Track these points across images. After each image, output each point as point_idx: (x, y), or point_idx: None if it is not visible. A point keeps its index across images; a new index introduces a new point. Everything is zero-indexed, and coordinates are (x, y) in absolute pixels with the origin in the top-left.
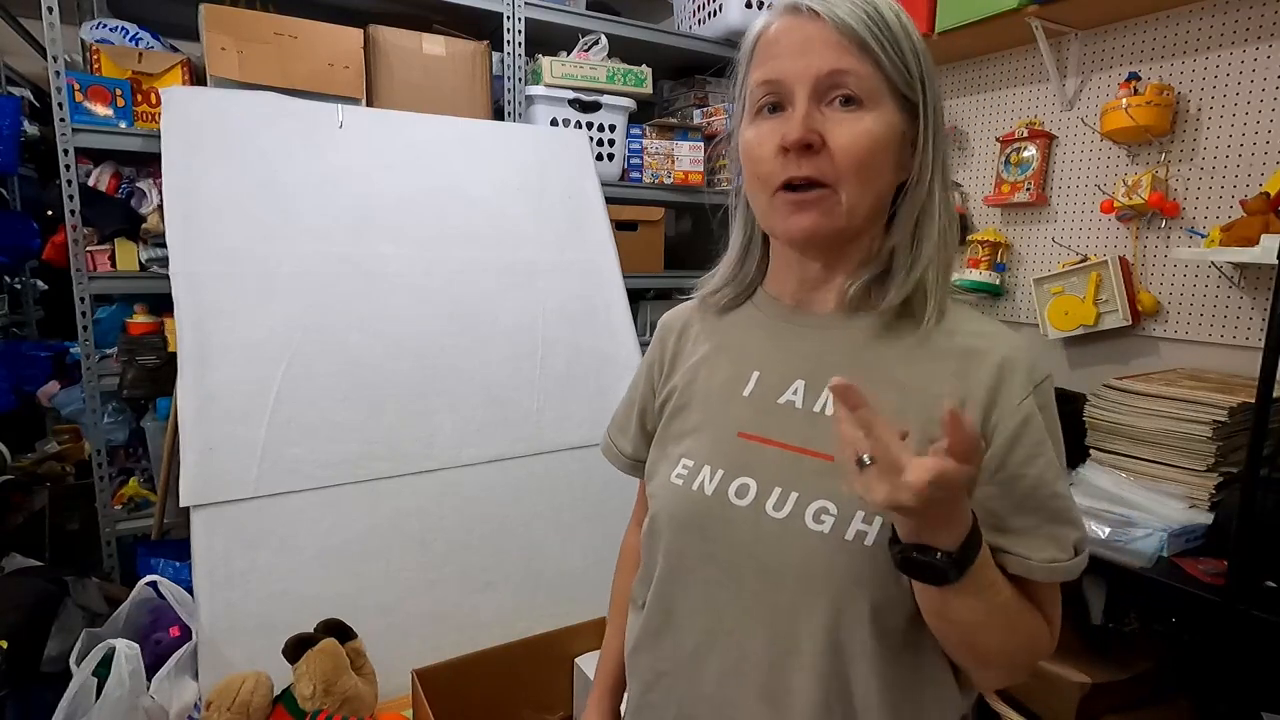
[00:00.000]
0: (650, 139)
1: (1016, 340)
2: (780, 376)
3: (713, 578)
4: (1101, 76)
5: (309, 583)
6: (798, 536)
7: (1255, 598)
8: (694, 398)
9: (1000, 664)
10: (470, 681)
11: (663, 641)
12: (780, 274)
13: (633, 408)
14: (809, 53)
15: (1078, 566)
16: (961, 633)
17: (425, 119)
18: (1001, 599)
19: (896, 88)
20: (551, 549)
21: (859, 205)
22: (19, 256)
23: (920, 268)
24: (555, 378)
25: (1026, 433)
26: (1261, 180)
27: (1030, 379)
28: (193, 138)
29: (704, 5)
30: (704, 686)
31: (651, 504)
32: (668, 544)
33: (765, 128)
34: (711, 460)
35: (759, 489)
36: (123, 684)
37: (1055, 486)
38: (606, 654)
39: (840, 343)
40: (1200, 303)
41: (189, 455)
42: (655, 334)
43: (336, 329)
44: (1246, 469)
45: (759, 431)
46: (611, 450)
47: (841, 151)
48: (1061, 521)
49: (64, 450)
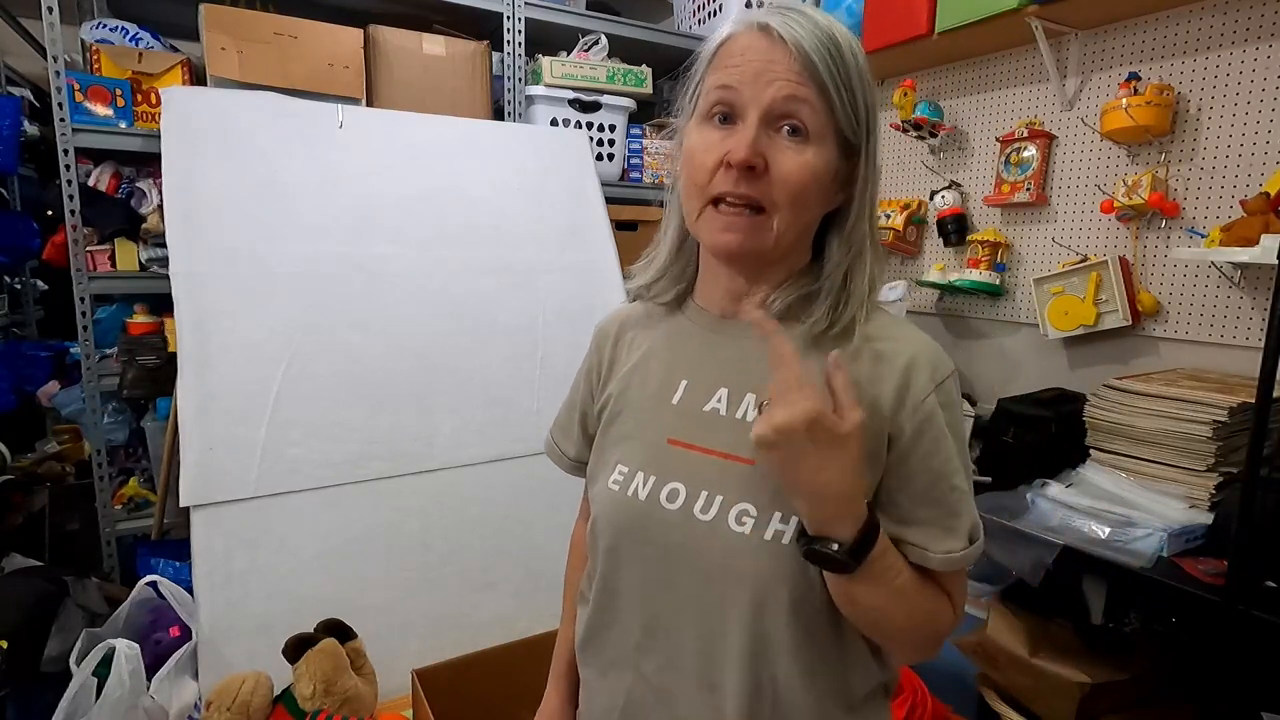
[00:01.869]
0: (650, 139)
1: (923, 342)
2: (706, 385)
3: (649, 577)
4: (1101, 76)
5: (309, 583)
6: (722, 537)
7: (1255, 598)
8: (627, 405)
9: (905, 640)
10: (470, 681)
11: (609, 636)
12: (707, 284)
13: (574, 411)
14: (768, 76)
15: (972, 555)
16: (867, 615)
17: (425, 119)
18: (900, 584)
19: (840, 129)
20: (551, 549)
21: (786, 232)
22: (19, 256)
23: (854, 304)
24: (555, 378)
25: (928, 429)
26: (1261, 180)
27: (933, 378)
28: (193, 138)
29: (704, 5)
30: (648, 676)
31: (593, 507)
32: (607, 546)
33: (712, 137)
34: (644, 466)
35: (688, 493)
36: (123, 684)
37: (953, 480)
38: (561, 640)
39: (763, 351)
40: (1200, 303)
41: (189, 455)
42: (592, 339)
43: (336, 329)
44: (1246, 469)
45: (687, 438)
46: (555, 451)
47: (781, 180)
48: (957, 513)
49: (64, 450)
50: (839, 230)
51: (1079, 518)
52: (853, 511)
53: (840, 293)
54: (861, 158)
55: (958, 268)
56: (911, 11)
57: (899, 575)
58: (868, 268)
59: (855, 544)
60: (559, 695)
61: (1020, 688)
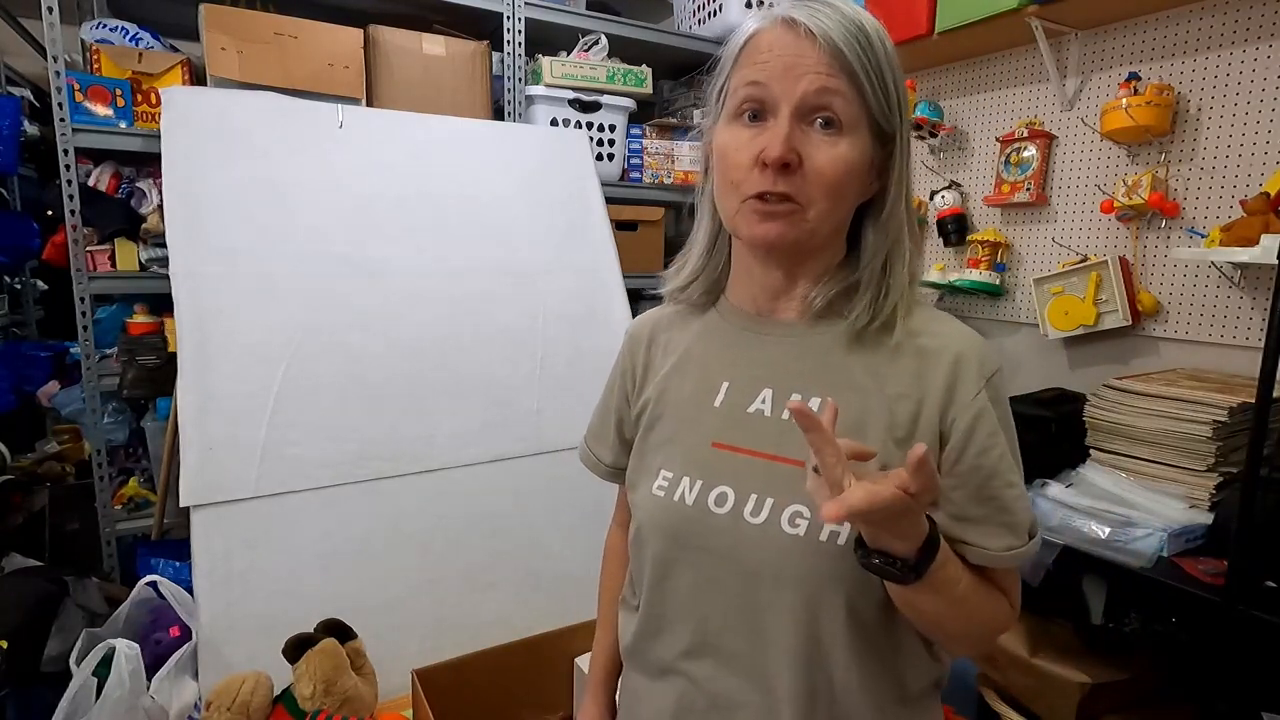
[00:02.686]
0: (650, 139)
1: (969, 337)
2: (748, 386)
3: (698, 582)
4: (1101, 76)
5: (309, 583)
6: (775, 540)
7: (1255, 598)
8: (667, 409)
9: (965, 641)
10: (470, 681)
11: (658, 642)
12: (742, 281)
13: (609, 417)
14: (798, 71)
15: (1033, 549)
16: (927, 620)
17: (425, 119)
18: (960, 591)
19: (873, 117)
20: (551, 549)
21: (823, 224)
22: (19, 256)
23: (895, 294)
24: (555, 378)
25: (980, 426)
26: (1261, 180)
27: (982, 374)
28: (193, 138)
29: (704, 5)
30: (699, 682)
31: (636, 514)
32: (654, 553)
33: (744, 135)
34: (689, 471)
35: (736, 497)
36: (123, 684)
37: (1009, 476)
38: (599, 648)
39: (804, 351)
40: (1200, 303)
41: (189, 455)
42: (624, 343)
43: (336, 329)
44: (1246, 469)
45: (732, 441)
46: (590, 459)
47: (817, 174)
48: (1015, 509)
49: (64, 450)
50: (875, 219)
51: (1079, 518)
52: (914, 531)
53: (880, 284)
54: (896, 144)
55: (958, 268)
56: (911, 11)
57: (959, 583)
58: (906, 256)
59: (916, 560)
60: (598, 705)
61: (1020, 688)
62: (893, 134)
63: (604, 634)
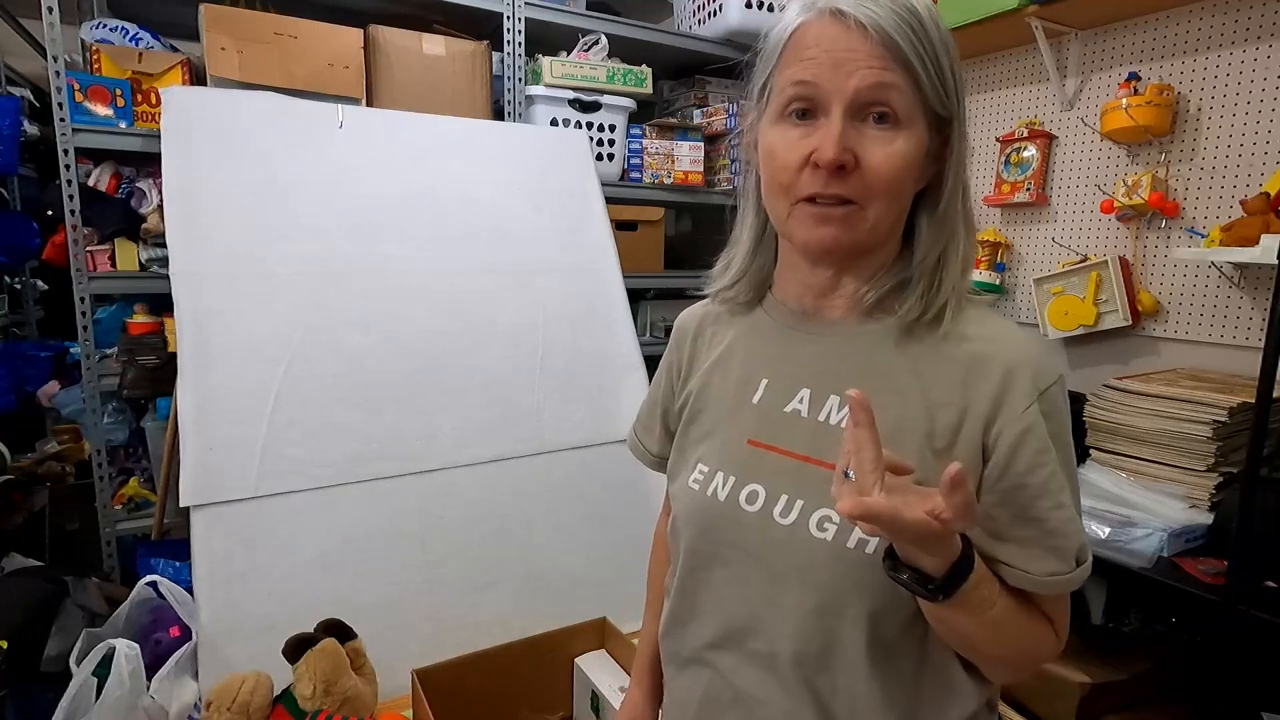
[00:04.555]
0: (650, 139)
1: (1026, 343)
2: (787, 384)
3: (727, 576)
4: (1101, 76)
5: (309, 583)
6: (802, 543)
7: (1255, 598)
8: (707, 404)
9: (1001, 666)
10: (470, 681)
11: (687, 631)
12: (788, 279)
13: (655, 407)
14: (850, 66)
15: (1079, 578)
16: (959, 639)
17: (425, 119)
18: (996, 614)
19: (930, 106)
20: (551, 549)
21: (882, 222)
22: (19, 256)
23: (947, 288)
24: (555, 378)
25: (1028, 442)
26: (1261, 180)
27: (1035, 386)
28: (193, 138)
29: (704, 5)
30: (724, 673)
31: (674, 505)
32: (687, 544)
33: (793, 134)
34: (723, 467)
35: (767, 496)
36: (123, 684)
37: (1059, 497)
38: (645, 635)
39: (847, 351)
40: (1200, 303)
41: (189, 455)
42: (672, 335)
43: (336, 329)
44: (1246, 469)
45: (767, 440)
46: (639, 448)
47: (874, 172)
48: (1063, 533)
49: (64, 450)
50: (930, 210)
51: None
52: (945, 550)
53: (932, 277)
54: (953, 129)
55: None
56: None
57: (993, 605)
58: (961, 249)
59: (945, 578)
60: (641, 690)
61: (1020, 687)
62: (949, 119)
63: (650, 623)
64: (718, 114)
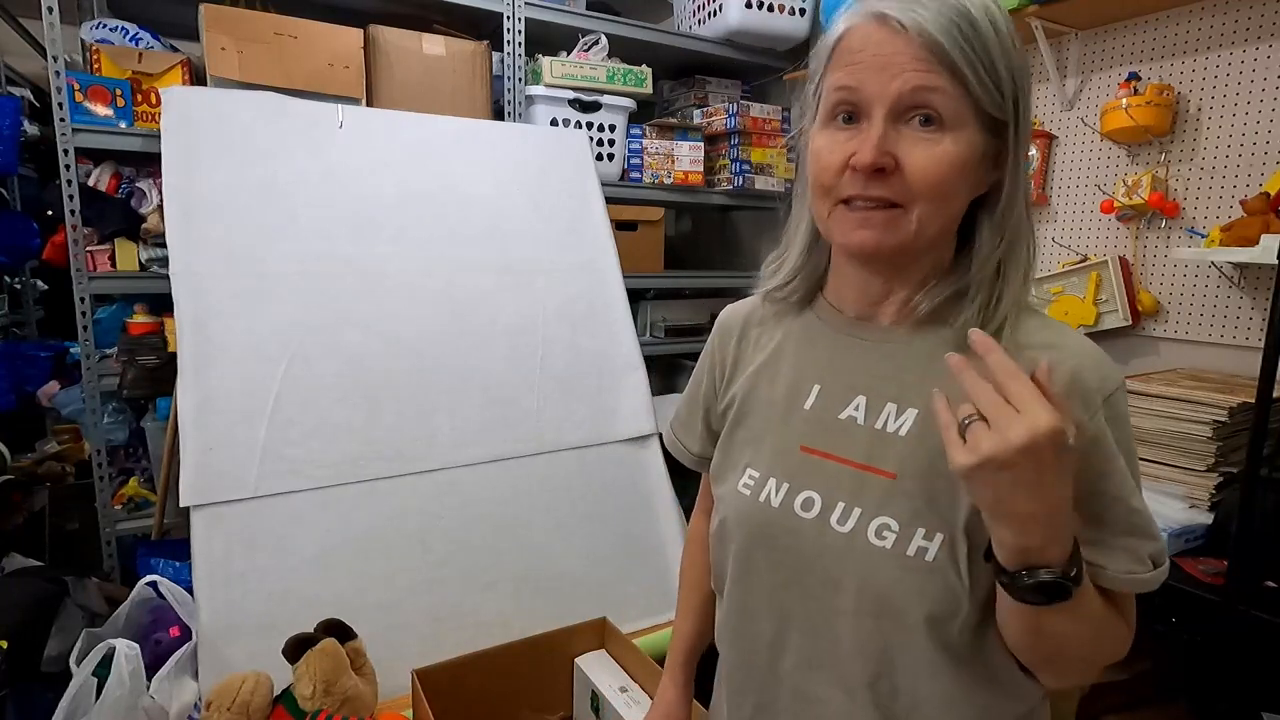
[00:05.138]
0: (650, 139)
1: (1088, 350)
2: (841, 391)
3: (780, 582)
4: (1101, 76)
5: (309, 583)
6: (860, 551)
7: (1255, 598)
8: (755, 407)
9: (1080, 670)
10: (470, 681)
11: (741, 636)
12: (839, 282)
13: (696, 406)
14: (891, 69)
15: (1157, 579)
16: (1052, 645)
17: (425, 119)
18: (1095, 608)
19: (983, 108)
20: (551, 549)
21: (929, 225)
22: (19, 256)
23: (1007, 303)
24: (555, 378)
25: (1096, 451)
26: (1261, 180)
27: (1100, 392)
28: (193, 138)
29: (704, 5)
30: (783, 675)
31: (720, 507)
32: (738, 549)
33: (838, 137)
34: (775, 472)
35: (823, 503)
36: (123, 684)
37: (1130, 501)
38: (678, 633)
39: (903, 359)
40: (1200, 303)
41: (189, 455)
42: (715, 333)
43: (336, 329)
44: (1246, 469)
45: (821, 446)
46: (677, 447)
47: (916, 175)
48: (1139, 535)
49: (64, 450)
50: (990, 215)
51: None
52: (1065, 531)
53: (993, 289)
54: (1010, 132)
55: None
56: None
57: (1095, 599)
58: (1023, 259)
59: (1068, 564)
60: (676, 687)
61: None
62: (1006, 122)
63: (683, 619)
64: (718, 114)
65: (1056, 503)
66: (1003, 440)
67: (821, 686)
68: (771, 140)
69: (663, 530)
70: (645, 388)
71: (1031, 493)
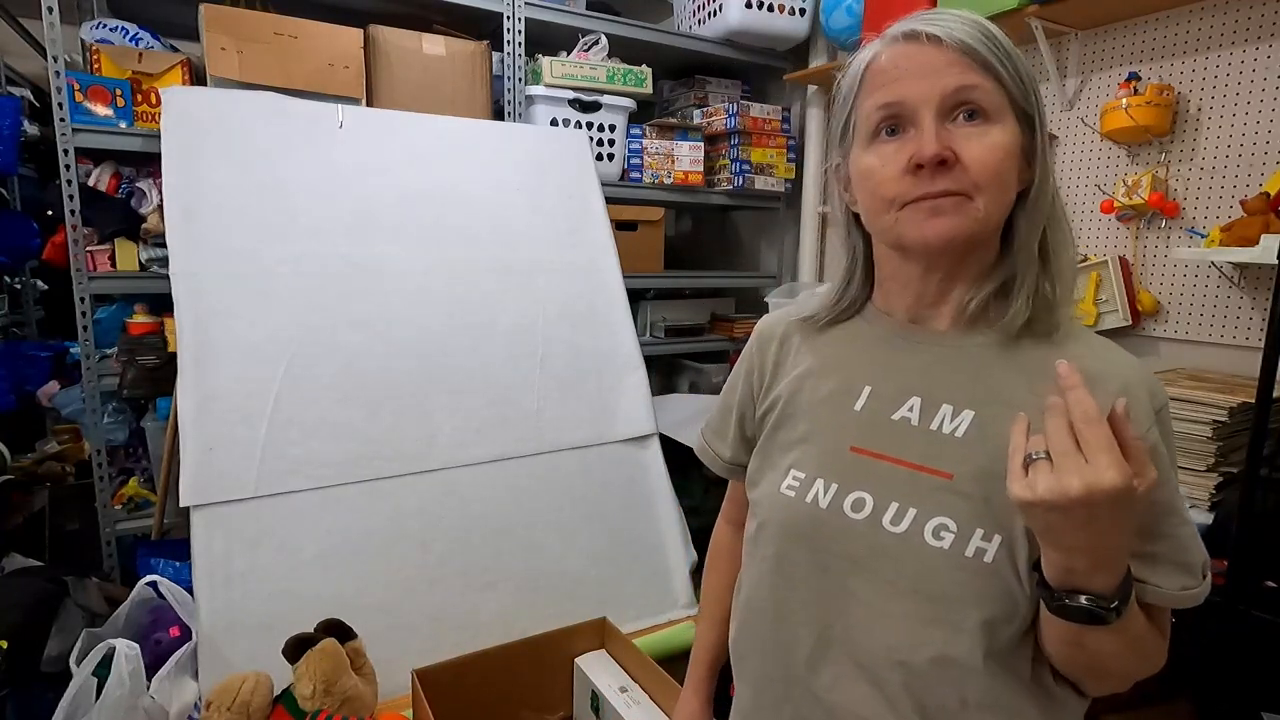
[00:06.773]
0: (650, 139)
1: (1136, 365)
2: (894, 393)
3: (825, 587)
4: (1101, 76)
5: (309, 583)
6: (917, 551)
7: (1255, 598)
8: (800, 409)
9: (1117, 682)
10: (470, 681)
11: (774, 646)
12: (893, 290)
13: (730, 413)
14: (933, 73)
15: (1204, 591)
16: (1092, 660)
17: (425, 119)
18: (1137, 629)
19: (1016, 102)
20: (552, 549)
21: (994, 213)
22: (19, 256)
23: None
24: (555, 378)
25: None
26: (1261, 180)
27: (1153, 405)
28: (193, 138)
29: (704, 5)
30: (818, 693)
31: (758, 512)
32: (779, 552)
33: (888, 149)
34: (823, 473)
35: (875, 503)
36: (123, 684)
37: (1183, 513)
38: (700, 644)
39: (957, 361)
40: (1200, 303)
41: (189, 455)
42: (753, 340)
43: (336, 329)
44: (1246, 469)
45: (873, 447)
46: (708, 454)
47: (976, 164)
48: (1191, 547)
49: (64, 450)
50: (1025, 210)
51: None
52: (1118, 565)
53: (1036, 281)
54: (1037, 129)
55: None
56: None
57: (1138, 619)
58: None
59: (1115, 594)
60: (699, 698)
61: None
62: (1034, 118)
63: (706, 629)
64: (718, 114)
65: (1111, 544)
66: (1059, 487)
67: (863, 702)
68: (771, 140)
69: (663, 530)
70: (645, 388)
71: (1082, 532)
